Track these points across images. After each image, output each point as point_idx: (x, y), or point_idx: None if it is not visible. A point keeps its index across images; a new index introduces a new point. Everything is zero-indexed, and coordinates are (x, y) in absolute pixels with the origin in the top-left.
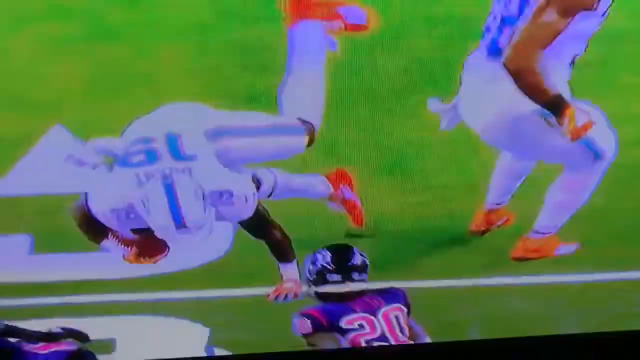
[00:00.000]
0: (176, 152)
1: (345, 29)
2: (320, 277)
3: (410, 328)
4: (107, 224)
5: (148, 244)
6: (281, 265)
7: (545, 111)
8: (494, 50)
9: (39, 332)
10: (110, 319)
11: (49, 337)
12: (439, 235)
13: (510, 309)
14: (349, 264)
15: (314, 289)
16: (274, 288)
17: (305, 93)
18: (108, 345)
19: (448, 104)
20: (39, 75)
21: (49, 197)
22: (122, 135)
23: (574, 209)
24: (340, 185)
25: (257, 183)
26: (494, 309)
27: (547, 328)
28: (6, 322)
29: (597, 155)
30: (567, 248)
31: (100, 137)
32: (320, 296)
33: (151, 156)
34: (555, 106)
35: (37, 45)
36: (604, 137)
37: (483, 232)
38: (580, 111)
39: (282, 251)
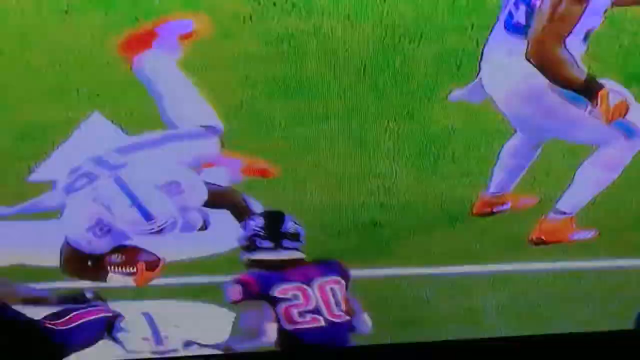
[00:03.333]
0: (108, 165)
1: (180, 39)
2: (252, 243)
3: (347, 302)
4: (93, 251)
5: (142, 258)
6: None
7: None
8: (510, 26)
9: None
10: (139, 303)
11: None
12: (462, 221)
13: (526, 296)
14: (280, 230)
15: (247, 256)
16: None
17: (187, 108)
18: None
19: (470, 85)
20: (80, 63)
21: None
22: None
23: (602, 187)
24: (221, 160)
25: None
26: (511, 295)
27: (562, 318)
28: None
29: (629, 133)
30: (584, 234)
31: (138, 124)
32: (254, 264)
33: (91, 176)
34: (587, 90)
35: (79, 34)
36: (636, 115)
37: (485, 215)
38: (614, 92)
39: (243, 212)
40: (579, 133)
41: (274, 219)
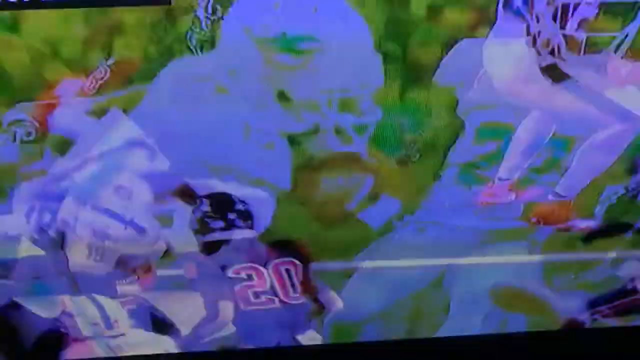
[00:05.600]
0: (55, 196)
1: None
2: (203, 225)
3: (307, 283)
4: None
5: (136, 263)
6: None
7: None
8: (509, 9)
9: None
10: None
11: None
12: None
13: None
14: (230, 209)
15: (202, 239)
16: None
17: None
18: None
19: (475, 81)
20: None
21: None
22: None
23: (599, 171)
24: None
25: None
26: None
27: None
28: None
29: (621, 118)
30: (583, 223)
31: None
32: (209, 246)
33: (50, 210)
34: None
35: (93, 29)
36: (628, 98)
37: (489, 205)
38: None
39: (191, 198)
40: (574, 117)
41: (222, 200)
